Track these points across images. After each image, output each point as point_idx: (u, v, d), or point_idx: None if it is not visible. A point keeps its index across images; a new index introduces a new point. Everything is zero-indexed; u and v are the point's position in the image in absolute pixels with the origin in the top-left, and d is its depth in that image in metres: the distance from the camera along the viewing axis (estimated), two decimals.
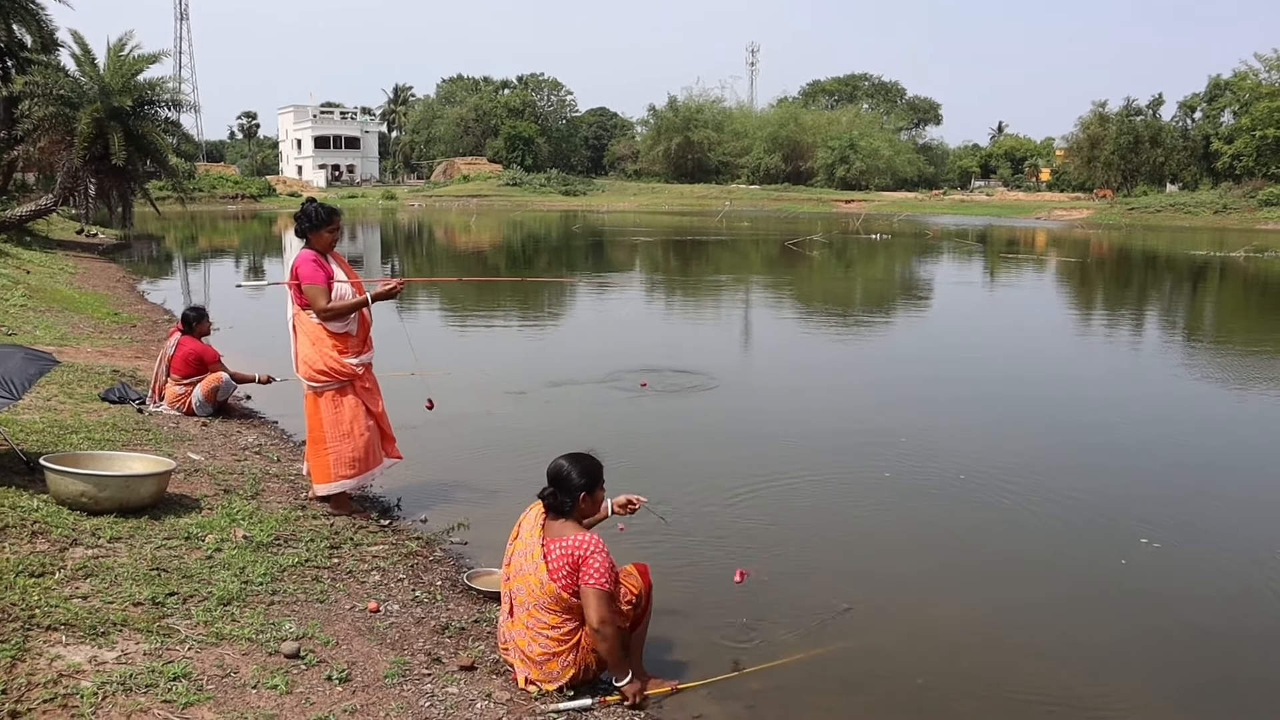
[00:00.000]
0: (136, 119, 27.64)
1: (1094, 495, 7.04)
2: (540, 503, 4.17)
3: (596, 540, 3.98)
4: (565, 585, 3.94)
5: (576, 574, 3.93)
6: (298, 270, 5.84)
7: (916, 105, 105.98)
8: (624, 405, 9.74)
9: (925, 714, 4.23)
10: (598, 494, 4.19)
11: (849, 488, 7.24)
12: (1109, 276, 27.81)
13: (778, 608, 5.16)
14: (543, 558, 3.98)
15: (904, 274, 27.78)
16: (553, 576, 3.95)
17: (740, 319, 17.61)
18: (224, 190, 75.53)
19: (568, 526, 4.06)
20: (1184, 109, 72.59)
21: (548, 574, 3.95)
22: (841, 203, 77.90)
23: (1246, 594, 5.44)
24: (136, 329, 13.45)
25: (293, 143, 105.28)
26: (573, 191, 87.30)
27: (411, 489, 6.80)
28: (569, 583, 3.94)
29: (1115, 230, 52.65)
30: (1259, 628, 5.08)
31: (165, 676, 3.60)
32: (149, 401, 8.33)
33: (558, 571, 3.94)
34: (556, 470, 4.12)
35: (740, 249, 36.31)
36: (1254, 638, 4.99)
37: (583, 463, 4.14)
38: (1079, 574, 5.72)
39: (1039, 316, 18.63)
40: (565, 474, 4.09)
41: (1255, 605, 5.31)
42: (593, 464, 4.17)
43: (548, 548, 4.00)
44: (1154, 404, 10.55)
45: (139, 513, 5.32)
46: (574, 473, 4.09)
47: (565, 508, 4.09)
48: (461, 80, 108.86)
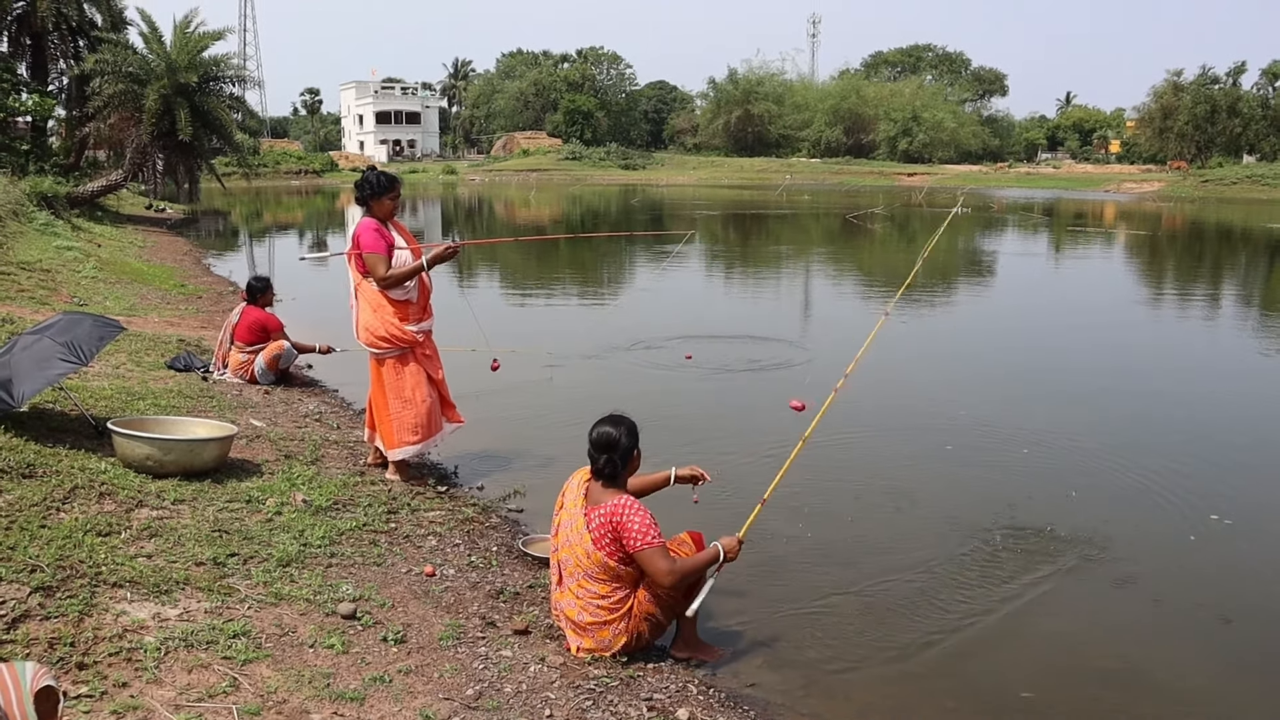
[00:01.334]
0: (202, 95, 28.05)
1: (1165, 471, 6.87)
2: (581, 471, 4.18)
3: (633, 502, 3.98)
4: (610, 553, 3.94)
5: (618, 540, 3.93)
6: (359, 239, 5.88)
7: (981, 76, 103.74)
8: (679, 376, 9.70)
9: (981, 687, 4.15)
10: (637, 453, 4.18)
11: (912, 457, 7.15)
12: (1180, 251, 27.08)
13: (837, 578, 5.11)
14: (586, 527, 3.98)
15: (971, 248, 27.32)
16: (597, 545, 3.95)
17: (802, 292, 17.45)
18: (288, 166, 76.45)
19: (607, 492, 4.06)
20: (1267, 76, 70.13)
21: (592, 543, 3.96)
22: (904, 176, 76.68)
23: None
24: (202, 300, 13.71)
25: (354, 118, 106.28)
26: (632, 165, 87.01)
27: (468, 456, 6.84)
28: (614, 549, 3.93)
29: (1188, 203, 51.21)
30: None
31: (225, 634, 3.66)
32: (213, 369, 8.48)
33: (601, 539, 3.94)
34: (605, 437, 4.09)
35: (800, 223, 35.96)
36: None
37: (625, 423, 4.13)
38: (1148, 548, 5.58)
39: (1108, 290, 18.20)
40: (615, 438, 4.07)
41: None
42: (632, 423, 4.17)
43: (589, 516, 4.00)
44: (1228, 381, 10.27)
45: (202, 476, 5.41)
46: (622, 435, 4.08)
47: (617, 472, 4.08)
48: (521, 55, 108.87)
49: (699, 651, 4.20)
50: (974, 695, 4.08)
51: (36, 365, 5.50)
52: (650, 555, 3.90)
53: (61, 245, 16.47)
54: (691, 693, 3.87)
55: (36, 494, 4.59)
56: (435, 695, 3.53)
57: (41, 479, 4.82)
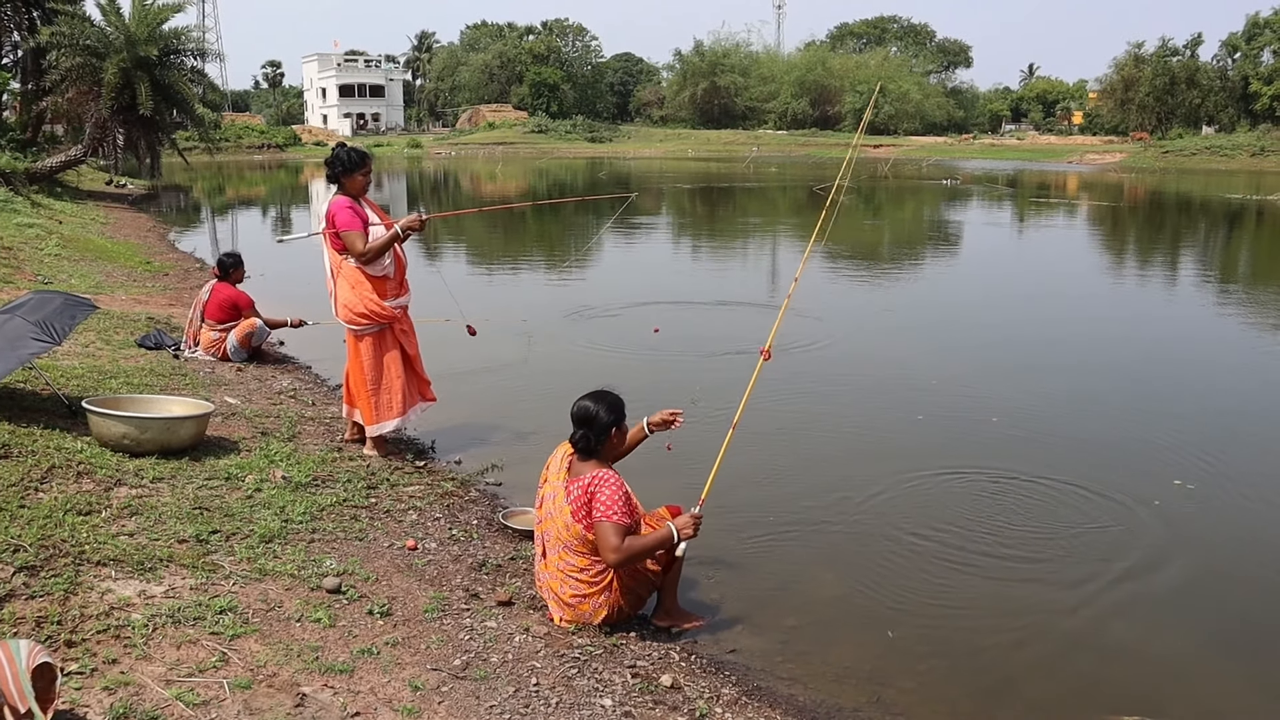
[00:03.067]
0: (163, 69, 27.60)
1: (1126, 437, 7.02)
2: (565, 444, 4.21)
3: (610, 474, 4.03)
4: (588, 525, 3.99)
5: (590, 511, 3.98)
6: (334, 217, 5.86)
7: (946, 48, 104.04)
8: (653, 349, 9.75)
9: (955, 649, 4.26)
10: (624, 428, 4.22)
11: (886, 434, 7.25)
12: (1142, 221, 27.43)
13: (813, 546, 5.21)
14: (566, 499, 4.04)
15: (934, 219, 27.51)
16: (575, 517, 4.00)
17: (769, 262, 17.54)
18: (250, 140, 75.48)
19: (587, 465, 4.11)
20: (1225, 48, 70.85)
21: (571, 514, 4.01)
22: (870, 148, 76.90)
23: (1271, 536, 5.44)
24: (169, 277, 13.58)
25: (317, 92, 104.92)
26: (599, 138, 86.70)
27: (446, 431, 6.87)
28: (589, 522, 3.99)
29: (1149, 174, 51.82)
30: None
31: (212, 610, 3.69)
32: (184, 347, 8.43)
33: (578, 511, 4.00)
34: (583, 411, 4.13)
35: (767, 195, 36.04)
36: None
37: (607, 399, 4.17)
38: (1111, 514, 5.71)
39: (1072, 260, 18.43)
40: (593, 413, 4.11)
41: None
42: (616, 399, 4.20)
43: (569, 488, 4.06)
44: (1184, 346, 10.47)
45: (179, 454, 5.41)
46: (601, 410, 4.11)
47: (596, 447, 4.12)
48: (485, 27, 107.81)
49: (680, 620, 4.27)
50: (948, 658, 4.18)
51: (9, 345, 5.46)
52: (604, 529, 3.93)
53: (22, 222, 16.22)
54: (674, 659, 3.95)
55: (13, 474, 4.58)
56: (423, 666, 3.58)
57: (17, 459, 4.80)
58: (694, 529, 4.11)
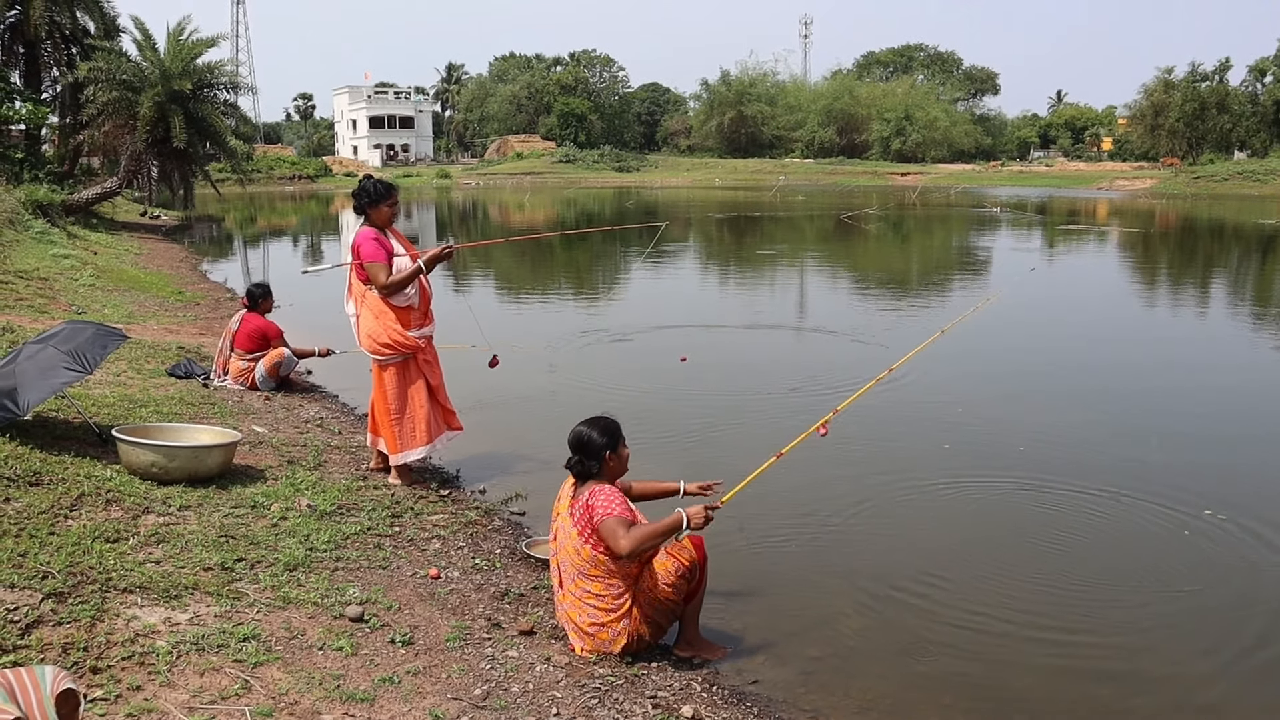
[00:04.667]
0: (196, 102, 28.12)
1: (1158, 465, 6.95)
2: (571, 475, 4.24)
3: (602, 486, 4.11)
4: (595, 543, 4.03)
5: (593, 525, 4.01)
6: (359, 249, 5.94)
7: (973, 75, 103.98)
8: (676, 377, 9.76)
9: (977, 682, 4.22)
10: (621, 451, 4.24)
11: (911, 461, 7.21)
12: (1174, 247, 27.20)
13: (836, 575, 5.18)
14: (572, 523, 4.07)
15: (963, 246, 27.40)
16: (582, 538, 4.05)
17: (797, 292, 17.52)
18: (281, 171, 76.45)
19: (588, 488, 4.15)
20: (1254, 73, 70.46)
21: (579, 536, 4.05)
22: (897, 175, 76.87)
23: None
24: (200, 307, 13.75)
25: (348, 123, 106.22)
26: (626, 168, 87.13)
27: (471, 461, 6.90)
28: (593, 537, 4.02)
29: (1180, 200, 51.39)
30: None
31: (236, 637, 3.71)
32: (214, 376, 8.52)
33: (583, 530, 4.04)
34: (577, 437, 4.19)
35: (795, 224, 36.03)
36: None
37: (600, 423, 4.22)
38: (1141, 544, 5.65)
39: (1104, 285, 18.29)
40: (586, 439, 4.16)
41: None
42: (610, 423, 4.24)
43: (573, 511, 4.10)
44: (1221, 374, 10.36)
45: (207, 483, 5.47)
46: (594, 434, 4.16)
47: (592, 471, 4.16)
48: (514, 58, 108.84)
49: (702, 650, 4.26)
50: (972, 693, 4.14)
51: (41, 374, 5.56)
52: (608, 526, 3.97)
53: (58, 253, 16.51)
54: (695, 690, 3.93)
55: (44, 501, 4.64)
56: (444, 695, 3.59)
57: (48, 487, 4.87)
58: (704, 520, 4.10)
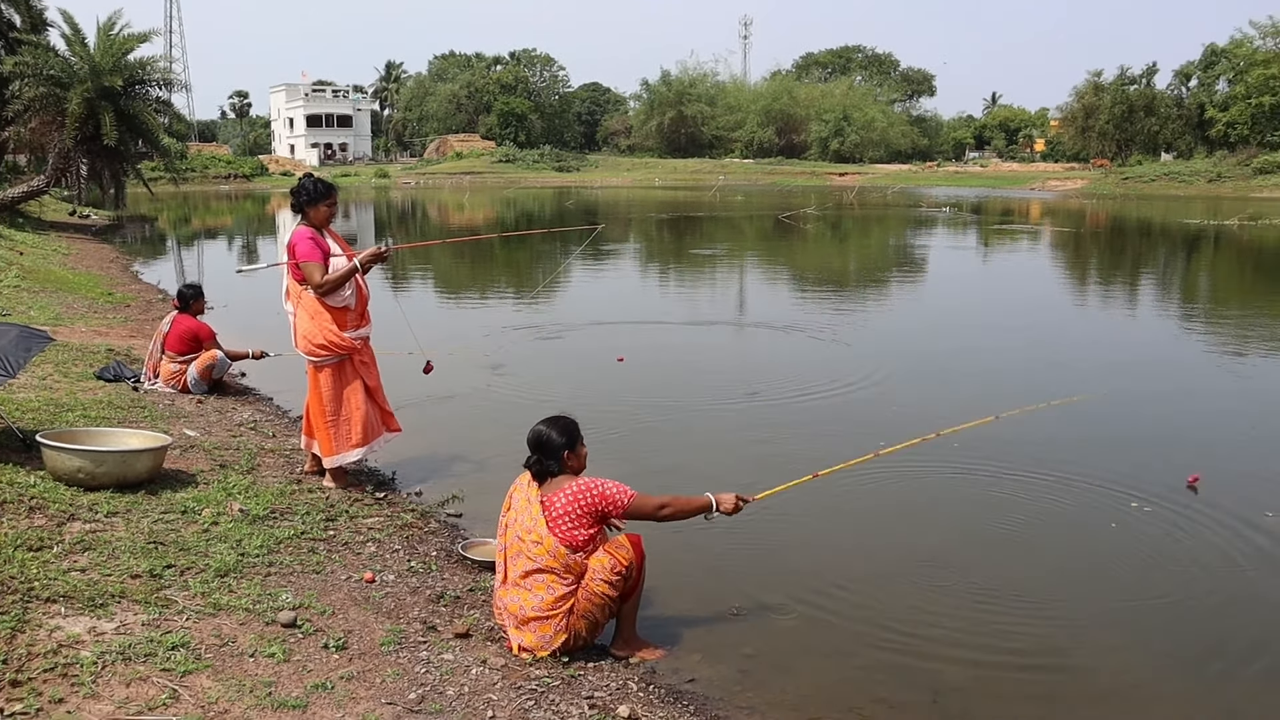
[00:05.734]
0: (127, 99, 27.53)
1: (1086, 460, 7.10)
2: (528, 472, 4.23)
3: (592, 479, 4.17)
4: (564, 537, 4.02)
5: (588, 520, 4.06)
6: (294, 248, 5.86)
7: (910, 76, 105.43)
8: (612, 378, 9.78)
9: (913, 676, 4.28)
10: (580, 450, 4.27)
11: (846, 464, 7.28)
12: (1104, 246, 27.83)
13: (773, 573, 5.22)
14: (543, 513, 4.06)
15: (900, 246, 27.77)
16: (553, 529, 4.03)
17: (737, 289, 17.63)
18: (216, 170, 75.15)
19: (563, 480, 4.17)
20: (1179, 77, 72.44)
21: (547, 528, 4.03)
22: (835, 175, 77.67)
23: (1225, 559, 5.51)
24: (131, 309, 13.45)
25: (285, 121, 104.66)
26: (566, 167, 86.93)
27: (407, 463, 6.84)
28: (568, 534, 4.03)
29: (1109, 200, 52.65)
30: (1235, 591, 5.15)
31: (164, 646, 3.65)
32: (144, 379, 8.35)
33: (560, 521, 4.04)
34: (536, 436, 4.22)
35: (734, 224, 36.23)
36: (1233, 600, 5.05)
37: (559, 423, 4.25)
38: (1068, 536, 5.77)
39: (1035, 283, 18.66)
40: (546, 438, 4.19)
41: (1229, 570, 5.39)
42: (569, 423, 4.27)
43: (548, 502, 4.09)
44: (1148, 368, 10.62)
45: (136, 488, 5.35)
46: (553, 434, 4.19)
47: (552, 470, 4.18)
48: (454, 57, 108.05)
49: (638, 649, 4.27)
50: (907, 685, 4.20)
51: None
52: (640, 501, 4.16)
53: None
54: (632, 690, 3.94)
55: None
56: (378, 700, 3.55)
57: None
58: (733, 508, 4.41)
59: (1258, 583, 5.22)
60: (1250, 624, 4.80)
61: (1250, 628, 4.76)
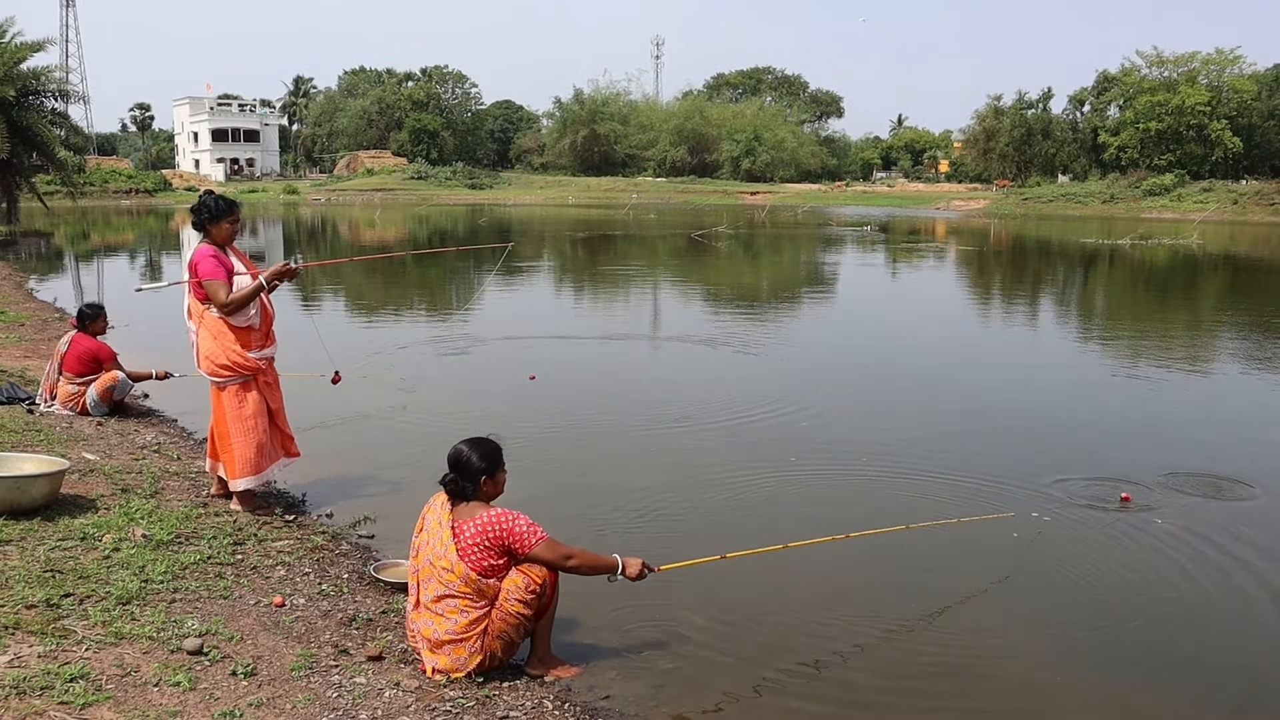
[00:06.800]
0: (20, 109, 26.71)
1: (990, 468, 7.31)
2: (443, 492, 4.19)
3: (505, 511, 4.08)
4: (475, 564, 3.98)
5: (496, 551, 4.00)
6: (197, 266, 5.74)
7: (819, 98, 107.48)
8: (525, 397, 9.75)
9: (826, 686, 4.35)
10: (499, 476, 4.23)
11: (755, 471, 7.37)
12: (1007, 264, 28.70)
13: (685, 588, 5.26)
14: (453, 539, 4.01)
15: (810, 263, 28.26)
16: (463, 556, 3.98)
17: (652, 306, 17.74)
18: (117, 185, 73.06)
19: (475, 507, 4.11)
20: (1073, 102, 75.31)
21: (457, 554, 3.99)
22: (747, 194, 78.71)
23: (1103, 555, 5.74)
24: (25, 328, 12.99)
25: (189, 136, 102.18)
26: (479, 185, 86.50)
27: (317, 484, 6.72)
28: (479, 562, 3.98)
29: (1010, 219, 54.42)
30: (1116, 590, 5.36)
31: (62, 678, 3.53)
32: (40, 401, 8.08)
33: (469, 551, 3.98)
34: (456, 455, 4.16)
35: (648, 242, 36.45)
36: (1113, 597, 5.26)
37: (482, 446, 4.19)
38: (977, 541, 5.94)
39: (937, 301, 19.15)
40: (465, 459, 4.14)
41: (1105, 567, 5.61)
42: (492, 447, 4.22)
43: (458, 528, 4.04)
44: (1039, 375, 10.99)
45: (31, 515, 5.18)
46: (474, 457, 4.13)
47: (468, 492, 4.13)
48: (364, 72, 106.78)
49: (553, 667, 4.26)
50: (819, 695, 4.27)
51: None
52: (545, 547, 4.05)
53: None
54: (548, 708, 3.93)
55: None
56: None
57: None
58: (638, 574, 4.28)
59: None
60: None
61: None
